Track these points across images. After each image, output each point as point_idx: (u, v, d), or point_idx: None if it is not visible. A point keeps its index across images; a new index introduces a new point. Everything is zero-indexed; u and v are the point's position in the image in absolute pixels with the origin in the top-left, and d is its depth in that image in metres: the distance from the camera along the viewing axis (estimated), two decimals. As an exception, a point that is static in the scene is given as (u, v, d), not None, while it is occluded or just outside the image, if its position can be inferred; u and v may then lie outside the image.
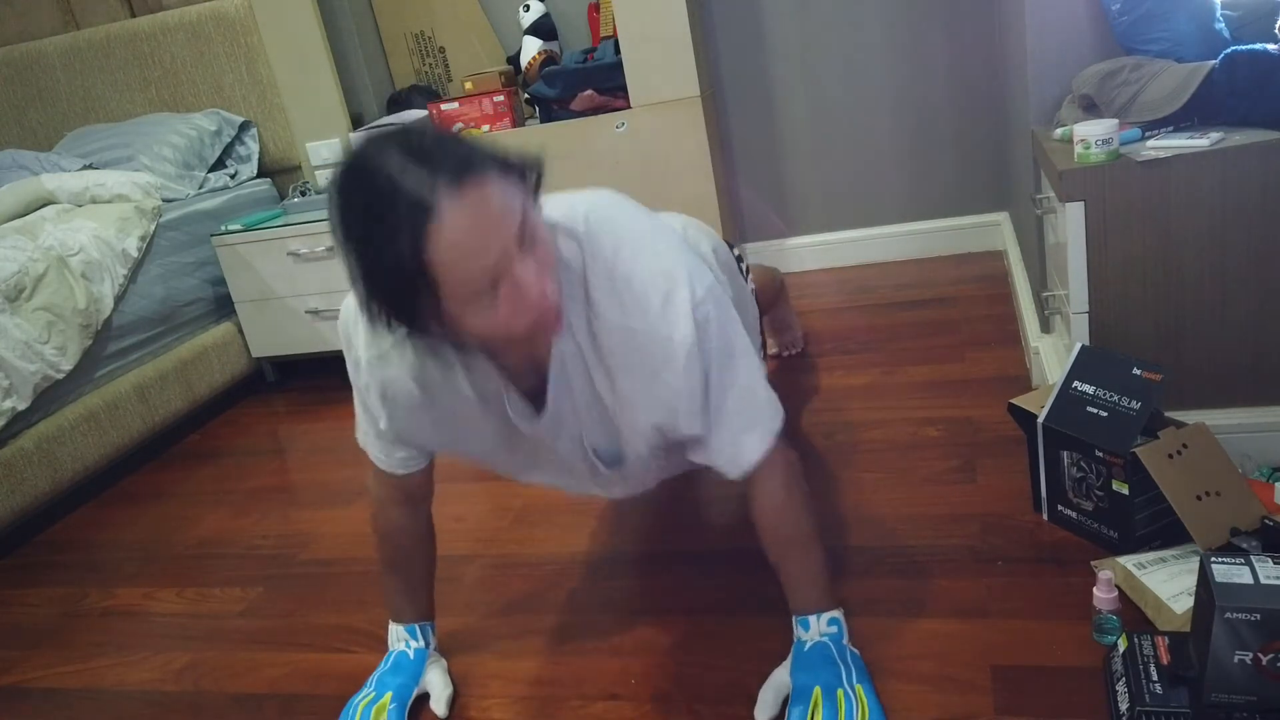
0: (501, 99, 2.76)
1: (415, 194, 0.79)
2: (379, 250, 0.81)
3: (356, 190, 0.82)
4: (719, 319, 1.03)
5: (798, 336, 2.22)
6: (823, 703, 1.06)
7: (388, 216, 0.80)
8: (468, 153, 0.83)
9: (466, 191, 0.81)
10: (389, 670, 1.26)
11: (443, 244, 0.80)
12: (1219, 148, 1.26)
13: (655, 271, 1.00)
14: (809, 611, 1.14)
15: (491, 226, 0.82)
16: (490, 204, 0.82)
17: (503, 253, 0.84)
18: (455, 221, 0.80)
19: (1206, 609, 0.91)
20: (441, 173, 0.80)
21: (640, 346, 1.00)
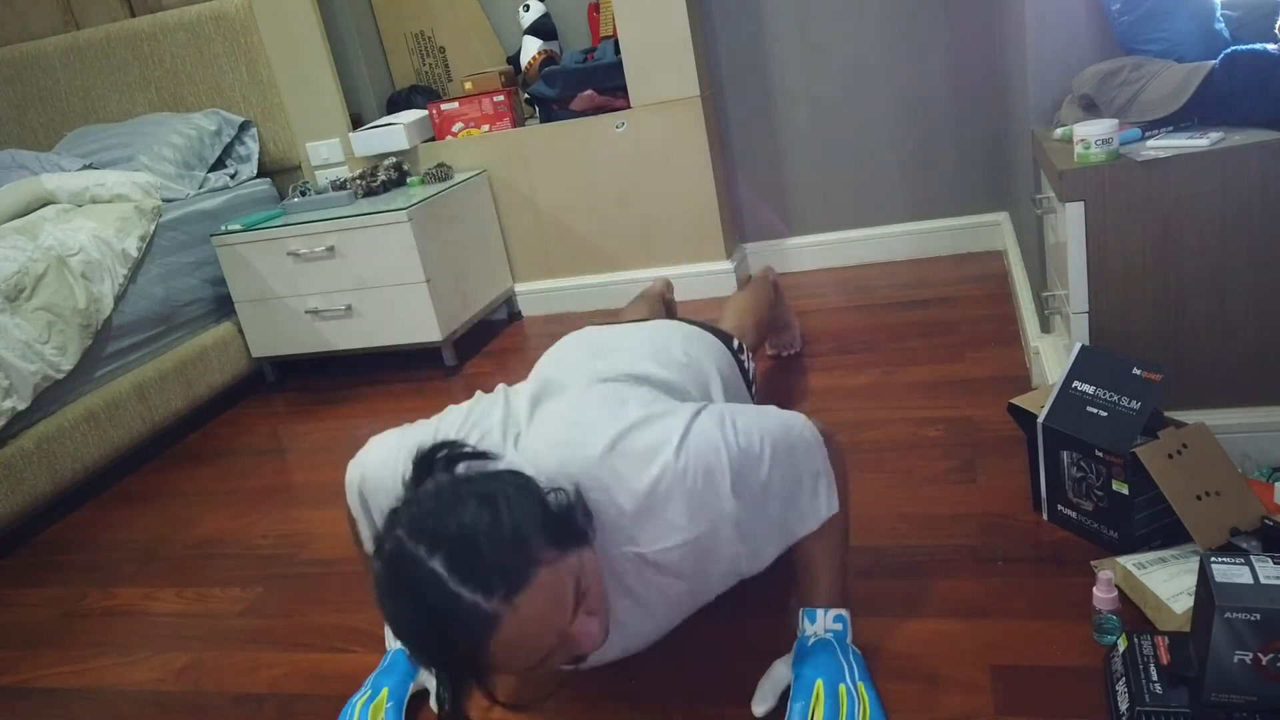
0: (501, 99, 2.77)
1: (474, 612, 0.82)
2: (436, 654, 0.87)
3: (411, 599, 0.84)
4: (742, 463, 1.02)
5: (795, 336, 2.22)
6: (824, 697, 1.05)
7: (444, 630, 0.84)
8: (515, 546, 0.85)
9: (522, 601, 0.83)
10: (384, 670, 1.26)
11: (502, 649, 0.85)
12: (1219, 148, 1.26)
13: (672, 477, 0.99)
14: (819, 605, 1.14)
15: (549, 622, 0.86)
16: (546, 600, 0.85)
17: (559, 631, 0.88)
18: (514, 631, 0.84)
19: (1206, 609, 0.91)
20: (495, 586, 0.83)
21: (697, 547, 1.02)
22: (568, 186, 2.78)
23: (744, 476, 1.01)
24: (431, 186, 2.65)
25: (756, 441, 1.03)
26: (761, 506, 1.04)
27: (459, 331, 2.61)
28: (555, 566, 0.88)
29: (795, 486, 1.07)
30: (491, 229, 2.85)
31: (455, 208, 2.64)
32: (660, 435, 1.01)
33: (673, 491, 0.99)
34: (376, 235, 2.44)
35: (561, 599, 0.88)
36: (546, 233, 2.86)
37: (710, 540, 1.02)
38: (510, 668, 0.89)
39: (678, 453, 0.99)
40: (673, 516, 0.99)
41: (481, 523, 0.86)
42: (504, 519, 0.86)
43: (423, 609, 0.84)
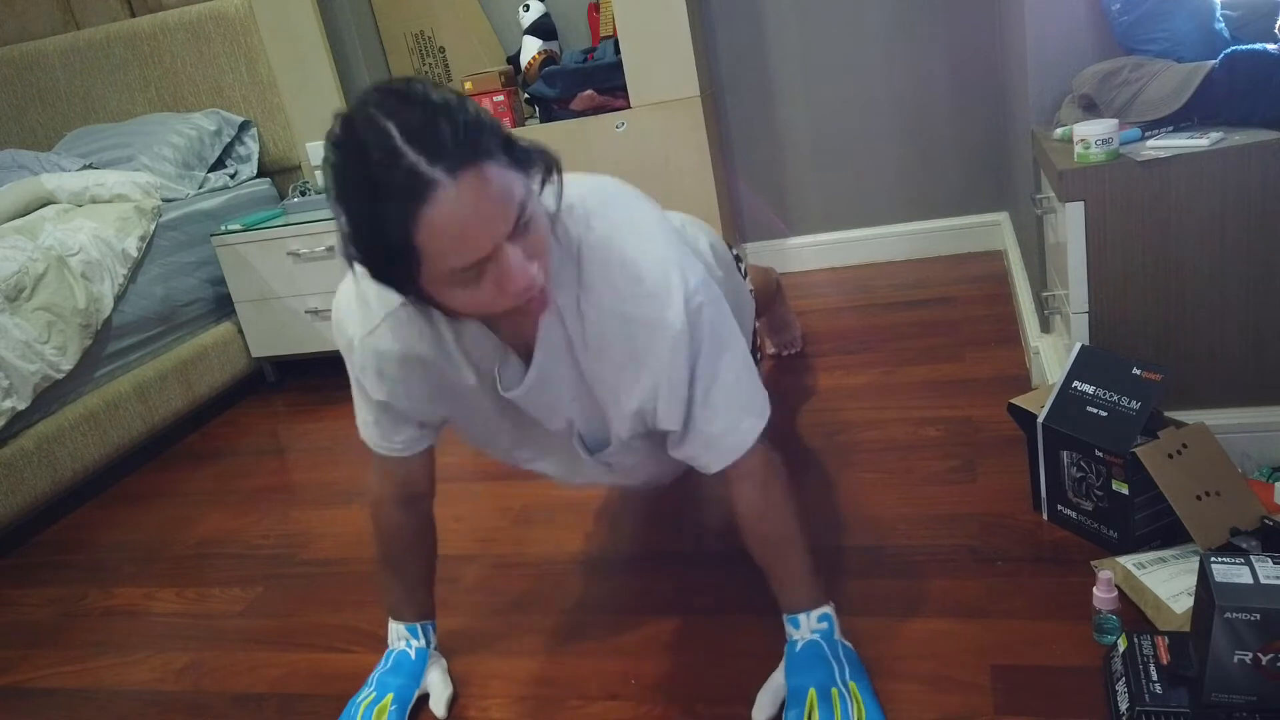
0: (501, 99, 2.76)
1: (412, 174, 0.77)
2: (368, 219, 0.81)
3: (354, 153, 0.80)
4: (711, 311, 1.02)
5: (796, 336, 2.22)
6: (818, 704, 1.06)
7: (382, 189, 0.78)
8: (473, 134, 0.80)
9: (464, 178, 0.79)
10: (390, 670, 1.26)
11: (432, 229, 0.79)
12: (1219, 148, 1.26)
13: (651, 257, 1.00)
14: (799, 610, 1.14)
15: (484, 218, 0.81)
16: (486, 193, 0.80)
17: (493, 244, 0.82)
18: (448, 209, 0.78)
19: (1206, 609, 0.91)
20: (442, 155, 0.78)
21: (629, 329, 1.00)
22: (568, 186, 2.78)
23: (701, 324, 1.01)
24: (431, 186, 2.65)
25: (730, 335, 1.05)
26: (701, 367, 1.03)
27: (459, 331, 2.60)
28: (506, 170, 0.82)
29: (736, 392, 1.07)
30: (491, 229, 2.84)
31: (455, 208, 2.63)
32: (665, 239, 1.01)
33: (635, 261, 0.98)
34: (376, 235, 2.44)
35: (504, 201, 0.82)
36: (546, 233, 2.86)
37: (646, 336, 1.00)
38: (439, 258, 0.81)
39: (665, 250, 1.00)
40: (621, 283, 0.98)
41: (446, 102, 0.81)
42: (469, 108, 0.82)
43: (363, 163, 0.79)
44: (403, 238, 0.79)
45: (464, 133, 0.79)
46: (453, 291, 0.86)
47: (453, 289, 0.85)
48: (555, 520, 1.68)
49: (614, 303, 0.99)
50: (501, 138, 0.84)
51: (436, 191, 0.78)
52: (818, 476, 1.65)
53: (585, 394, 1.08)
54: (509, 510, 1.75)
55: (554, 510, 1.71)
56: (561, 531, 1.64)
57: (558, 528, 1.65)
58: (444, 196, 0.78)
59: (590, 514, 1.68)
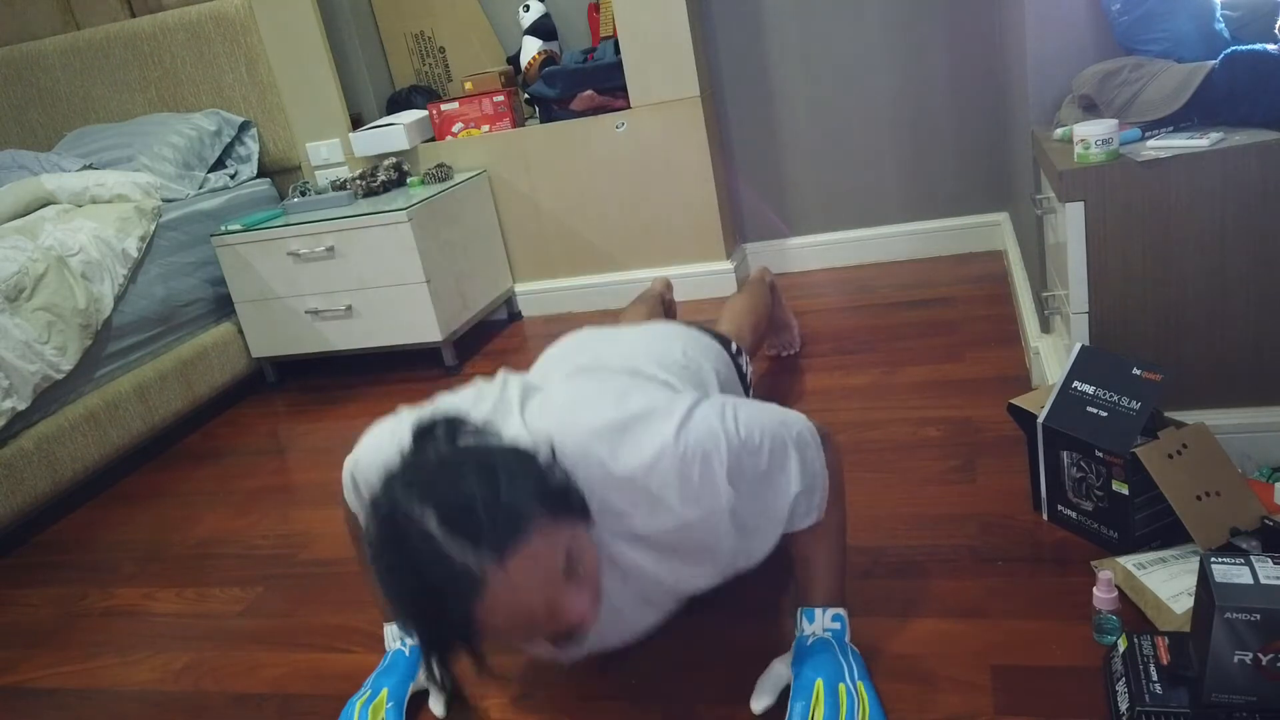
0: (501, 99, 2.77)
1: (461, 569, 0.81)
2: (424, 615, 0.85)
3: (400, 553, 0.83)
4: (741, 452, 1.01)
5: (794, 336, 2.22)
6: (824, 697, 1.06)
7: (433, 589, 0.82)
8: (510, 509, 0.84)
9: (512, 562, 0.82)
10: (384, 670, 1.26)
11: (490, 613, 0.84)
12: (1219, 148, 1.26)
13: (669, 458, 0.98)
14: (817, 604, 1.14)
15: (538, 586, 0.85)
16: (537, 566, 0.84)
17: (549, 600, 0.86)
18: (503, 596, 0.83)
19: (1206, 609, 0.91)
20: (486, 544, 0.82)
21: (691, 533, 1.01)
22: (568, 186, 2.78)
23: (741, 467, 1.01)
24: (431, 187, 2.65)
25: (756, 434, 1.03)
26: (757, 499, 1.04)
27: (459, 332, 2.61)
28: (548, 533, 0.87)
29: (793, 483, 1.07)
30: (491, 229, 2.85)
31: (455, 208, 2.64)
32: (660, 419, 1.01)
33: (669, 474, 0.98)
34: (376, 235, 2.44)
35: (552, 566, 0.87)
36: (546, 233, 2.86)
37: (704, 527, 1.01)
38: (499, 635, 0.87)
39: (677, 437, 0.99)
40: (668, 499, 0.99)
41: (477, 485, 0.85)
42: (500, 483, 0.85)
43: (412, 567, 0.83)
44: (462, 626, 0.85)
45: (502, 510, 0.83)
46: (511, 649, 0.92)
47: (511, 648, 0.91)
48: (555, 520, 1.68)
49: (667, 521, 1.00)
50: (535, 496, 0.87)
51: (489, 582, 0.82)
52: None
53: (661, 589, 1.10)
54: (509, 510, 1.75)
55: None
56: (561, 531, 1.64)
57: (558, 528, 1.65)
58: (497, 586, 0.82)
59: (590, 514, 1.68)
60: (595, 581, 0.94)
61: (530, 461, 0.92)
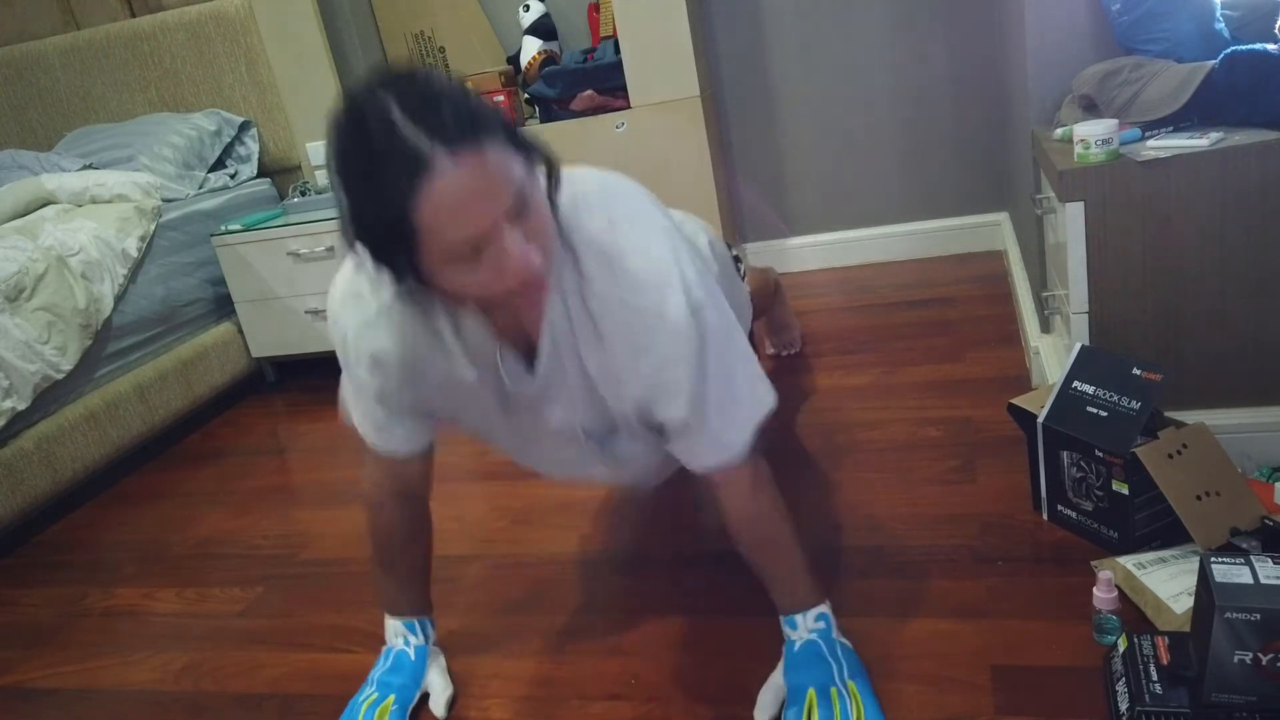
0: (501, 99, 2.76)
1: (411, 149, 0.78)
2: (367, 196, 0.81)
3: (356, 131, 0.80)
4: (711, 306, 1.02)
5: (795, 336, 2.22)
6: (817, 703, 1.06)
7: (380, 165, 0.79)
8: (472, 115, 0.81)
9: (464, 157, 0.79)
10: (390, 670, 1.25)
11: (430, 205, 0.79)
12: (1219, 148, 1.26)
13: (654, 250, 1.00)
14: (795, 610, 1.14)
15: (482, 195, 0.81)
16: (485, 172, 0.81)
17: (491, 222, 0.83)
18: (446, 185, 0.79)
19: (1206, 609, 0.91)
20: (442, 132, 0.78)
21: (632, 320, 1.00)
22: (568, 186, 2.78)
23: (703, 319, 1.00)
24: (431, 186, 2.65)
25: (732, 332, 1.05)
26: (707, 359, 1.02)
27: (459, 331, 2.60)
28: (506, 154, 0.83)
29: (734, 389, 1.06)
30: (491, 229, 2.84)
31: (455, 208, 2.63)
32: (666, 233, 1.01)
33: (638, 254, 0.98)
34: (376, 235, 2.44)
35: (503, 182, 0.82)
36: (546, 233, 2.86)
37: (649, 329, 0.99)
38: (437, 237, 0.81)
39: (667, 244, 0.99)
40: (624, 274, 0.98)
41: (447, 86, 0.82)
42: (470, 95, 0.83)
43: (362, 140, 0.80)
44: (402, 213, 0.80)
45: (464, 113, 0.80)
46: (451, 272, 0.85)
47: (451, 268, 0.85)
48: (555, 520, 1.68)
49: (616, 292, 0.99)
50: (502, 123, 0.84)
51: (435, 167, 0.78)
52: (818, 476, 1.65)
53: (589, 385, 1.07)
54: (509, 510, 1.75)
55: (553, 510, 1.71)
56: (561, 531, 1.64)
57: (558, 528, 1.65)
58: (441, 172, 0.78)
59: (590, 514, 1.68)
60: (544, 240, 0.89)
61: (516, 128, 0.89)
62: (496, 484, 1.86)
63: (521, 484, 1.83)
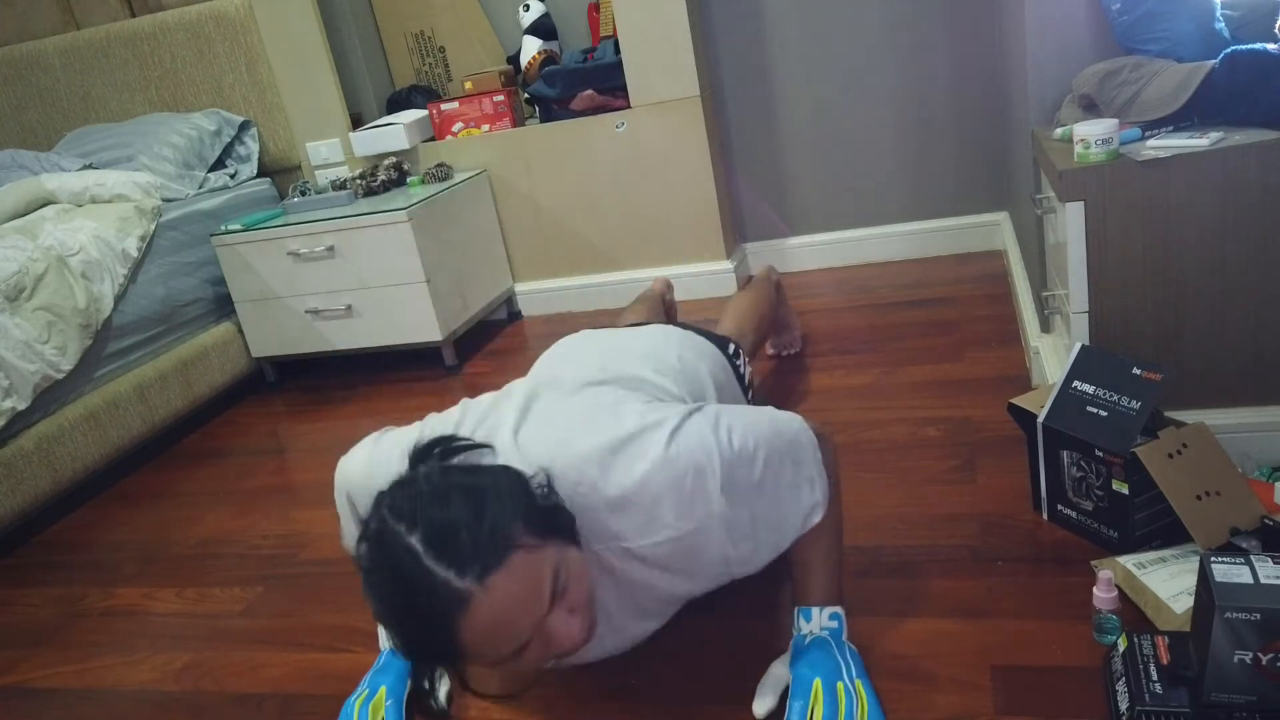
0: (501, 99, 2.77)
1: (443, 589, 0.83)
2: (410, 634, 0.88)
3: (388, 574, 0.86)
4: (733, 463, 1.01)
5: (796, 336, 2.22)
6: (823, 696, 1.06)
7: (419, 611, 0.85)
8: (492, 532, 0.85)
9: (496, 580, 0.84)
10: (380, 669, 1.26)
11: (472, 633, 0.85)
12: (1219, 148, 1.26)
13: (661, 473, 0.99)
14: (814, 603, 1.14)
15: (522, 608, 0.86)
16: (520, 586, 0.85)
17: (533, 624, 0.87)
18: (484, 614, 0.84)
19: (1206, 609, 0.91)
20: (470, 567, 0.83)
21: (685, 545, 1.01)
22: (568, 186, 2.78)
23: (735, 477, 1.01)
24: (431, 186, 2.65)
25: (750, 443, 1.03)
26: (752, 508, 1.04)
27: (459, 331, 2.61)
28: (533, 553, 0.88)
29: (789, 488, 1.07)
30: (491, 229, 2.85)
31: (455, 208, 2.64)
32: (651, 434, 1.01)
33: (662, 489, 0.99)
34: (376, 235, 2.44)
35: (537, 587, 0.87)
36: (546, 233, 2.86)
37: (698, 539, 1.01)
38: (484, 655, 0.88)
39: (667, 450, 0.99)
40: (661, 514, 0.99)
41: (462, 508, 0.87)
42: (486, 506, 0.87)
43: (398, 585, 0.85)
44: (446, 645, 0.86)
45: (486, 533, 0.85)
46: (499, 668, 0.92)
47: (499, 668, 0.91)
48: (555, 520, 1.68)
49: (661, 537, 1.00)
50: (522, 518, 0.88)
51: (471, 601, 0.83)
52: (818, 476, 1.65)
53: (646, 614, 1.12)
54: (509, 510, 1.75)
55: (554, 510, 1.71)
56: (561, 531, 1.64)
57: (558, 528, 1.65)
58: (478, 604, 0.84)
59: (590, 514, 1.68)
60: (588, 607, 0.94)
61: (519, 482, 0.93)
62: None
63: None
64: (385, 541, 0.87)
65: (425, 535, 0.85)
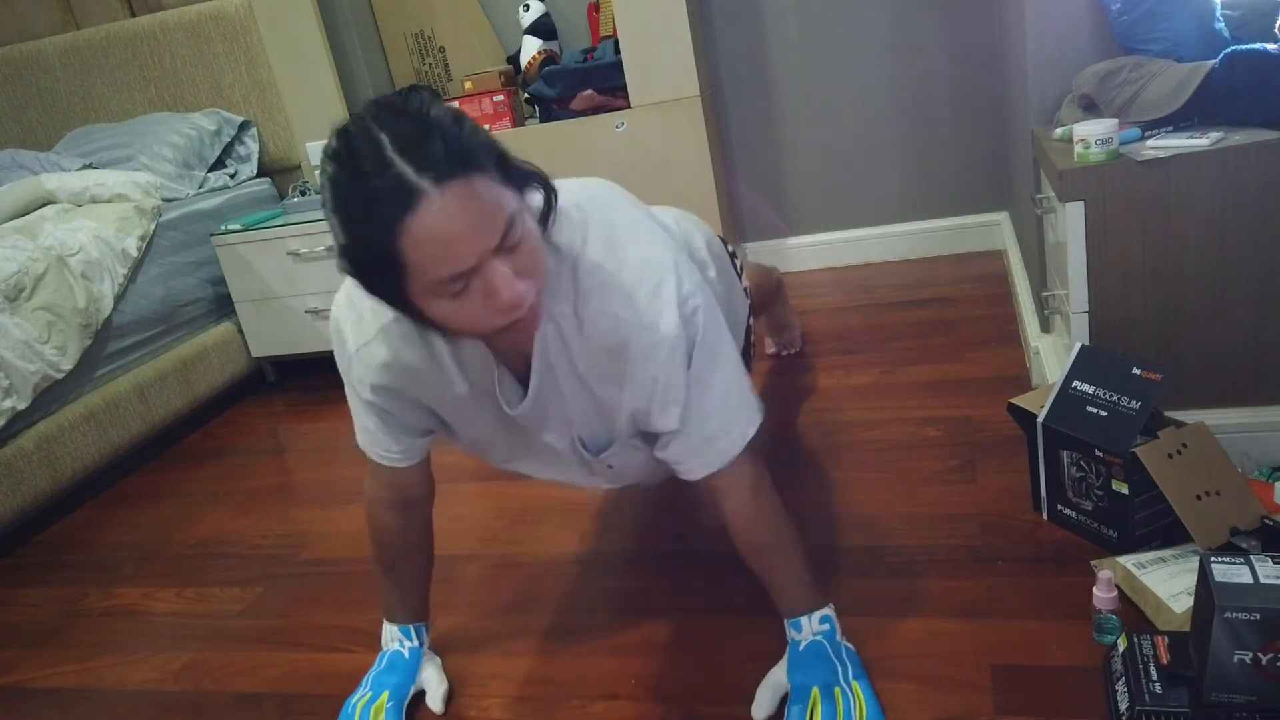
0: (501, 99, 2.76)
1: (398, 182, 0.78)
2: (356, 227, 0.81)
3: (346, 163, 0.81)
4: (705, 316, 1.03)
5: (796, 336, 2.22)
6: (821, 702, 1.06)
7: (370, 199, 0.79)
8: (464, 148, 0.81)
9: (452, 190, 0.79)
10: (384, 670, 1.26)
11: (416, 239, 0.79)
12: (1219, 148, 1.26)
13: (645, 262, 1.00)
14: (799, 613, 1.14)
15: (470, 227, 0.81)
16: (474, 205, 0.80)
17: (479, 257, 0.82)
18: (432, 219, 0.79)
19: (1206, 609, 0.91)
20: (431, 166, 0.78)
21: (625, 333, 1.01)
22: (568, 186, 2.78)
23: (700, 330, 1.02)
24: (431, 186, 2.65)
25: (725, 335, 1.05)
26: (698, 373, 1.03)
27: (459, 331, 2.60)
28: (495, 186, 0.83)
29: (736, 396, 1.08)
30: (491, 229, 2.84)
31: (455, 208, 2.63)
32: (658, 242, 1.02)
33: (636, 278, 0.99)
34: (376, 235, 2.44)
35: (491, 217, 0.82)
36: (546, 233, 2.86)
37: (638, 342, 1.00)
38: (422, 270, 0.82)
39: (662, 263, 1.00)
40: (622, 291, 0.99)
41: (442, 116, 0.82)
42: (465, 123, 0.83)
43: (354, 174, 0.80)
44: (388, 247, 0.80)
45: (456, 146, 0.80)
46: (440, 305, 0.85)
47: (439, 302, 0.85)
48: (555, 520, 1.68)
49: (609, 307, 1.00)
50: (495, 154, 0.85)
51: (422, 201, 0.78)
52: (817, 476, 1.65)
53: (586, 399, 1.08)
54: (508, 510, 1.75)
55: (553, 510, 1.71)
56: (560, 531, 1.64)
57: (557, 528, 1.65)
58: (429, 206, 0.78)
59: (589, 514, 1.68)
60: (534, 278, 0.88)
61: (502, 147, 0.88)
62: (496, 484, 1.86)
63: (521, 484, 1.83)
64: (353, 133, 0.81)
65: (395, 131, 0.79)
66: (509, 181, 0.85)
